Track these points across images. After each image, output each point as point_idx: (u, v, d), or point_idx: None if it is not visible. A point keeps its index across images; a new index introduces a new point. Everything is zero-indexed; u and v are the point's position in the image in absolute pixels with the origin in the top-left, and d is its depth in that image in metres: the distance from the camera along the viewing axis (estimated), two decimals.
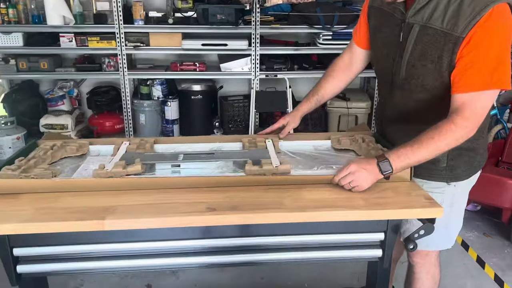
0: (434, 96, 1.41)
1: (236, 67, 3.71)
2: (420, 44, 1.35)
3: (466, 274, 2.46)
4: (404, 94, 1.46)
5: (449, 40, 1.29)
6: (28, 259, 1.27)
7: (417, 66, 1.37)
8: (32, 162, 1.43)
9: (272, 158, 1.48)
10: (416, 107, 1.46)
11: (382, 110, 1.61)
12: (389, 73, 1.48)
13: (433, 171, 1.51)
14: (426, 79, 1.37)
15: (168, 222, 1.20)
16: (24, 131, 3.72)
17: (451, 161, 1.49)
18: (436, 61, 1.32)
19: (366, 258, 1.38)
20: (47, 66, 3.69)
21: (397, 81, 1.45)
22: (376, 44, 1.54)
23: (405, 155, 1.31)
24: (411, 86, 1.42)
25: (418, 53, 1.36)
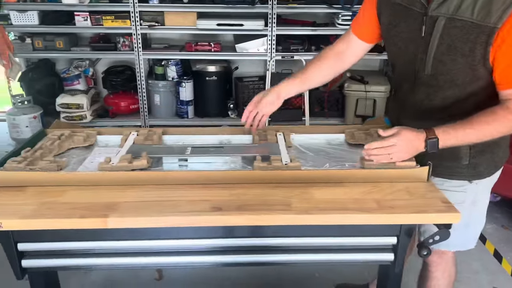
0: (464, 92, 1.33)
1: (251, 48, 3.63)
2: (447, 38, 1.26)
3: (483, 268, 2.40)
4: (430, 90, 1.38)
5: (482, 31, 1.20)
6: (33, 254, 1.26)
7: (446, 62, 1.29)
8: (38, 154, 1.41)
9: (282, 154, 1.43)
10: (443, 104, 1.38)
11: (400, 107, 1.52)
12: (411, 69, 1.39)
13: (455, 169, 1.44)
14: (456, 74, 1.29)
15: (170, 222, 1.17)
16: (41, 110, 3.74)
17: (473, 159, 1.42)
18: (468, 55, 1.24)
19: (377, 262, 1.34)
20: (62, 45, 3.68)
21: (422, 77, 1.37)
22: (392, 40, 1.44)
23: (454, 135, 1.26)
24: (439, 82, 1.34)
25: (445, 48, 1.27)
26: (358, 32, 1.55)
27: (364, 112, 3.71)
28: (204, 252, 1.33)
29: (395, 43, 1.42)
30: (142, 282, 2.26)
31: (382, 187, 1.30)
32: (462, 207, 1.19)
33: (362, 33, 1.54)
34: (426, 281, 1.70)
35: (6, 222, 1.14)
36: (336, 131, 1.67)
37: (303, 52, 3.62)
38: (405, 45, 1.38)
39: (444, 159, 1.43)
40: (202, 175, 1.33)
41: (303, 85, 1.58)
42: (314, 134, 1.65)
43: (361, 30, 1.54)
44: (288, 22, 3.71)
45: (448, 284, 1.69)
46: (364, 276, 2.27)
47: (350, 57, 1.60)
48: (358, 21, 1.56)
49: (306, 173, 1.34)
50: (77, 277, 2.26)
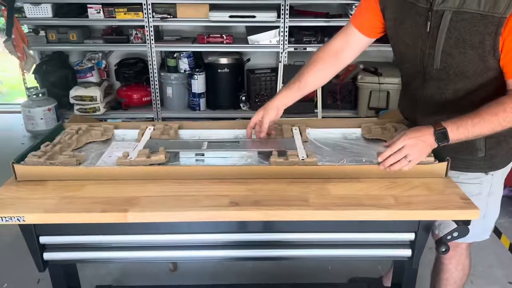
0: (475, 83, 1.32)
1: (264, 40, 3.61)
2: (455, 31, 1.25)
3: (497, 262, 2.38)
4: (441, 84, 1.37)
5: (490, 22, 1.20)
6: (54, 246, 1.29)
7: (454, 55, 1.28)
8: (57, 148, 1.43)
9: (298, 149, 1.43)
10: (455, 96, 1.38)
11: (414, 105, 1.50)
12: (419, 65, 1.39)
13: (471, 161, 1.44)
14: (467, 66, 1.29)
15: (190, 216, 1.18)
16: (55, 103, 3.78)
17: (489, 150, 1.42)
18: (478, 46, 1.24)
19: (395, 257, 1.34)
20: (76, 38, 3.70)
21: (431, 72, 1.36)
22: (398, 37, 1.42)
23: (464, 127, 1.25)
24: (449, 76, 1.33)
25: (453, 41, 1.27)
26: (359, 25, 1.51)
27: (378, 104, 3.68)
28: (220, 246, 1.34)
29: (403, 40, 1.40)
30: (157, 273, 2.30)
31: (400, 183, 1.29)
32: (479, 199, 1.20)
33: (363, 26, 1.50)
34: (439, 273, 1.70)
35: (28, 216, 1.16)
36: (352, 125, 1.66)
37: (316, 44, 3.60)
38: (413, 41, 1.36)
39: (460, 152, 1.43)
40: (219, 170, 1.34)
41: (300, 92, 1.55)
42: (330, 128, 1.64)
43: (362, 23, 1.50)
44: (300, 13, 3.69)
45: (462, 276, 1.69)
46: (378, 269, 2.27)
47: (348, 54, 1.55)
48: (359, 15, 1.52)
49: (323, 168, 1.34)
50: (94, 267, 2.30)
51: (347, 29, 1.54)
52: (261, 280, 2.21)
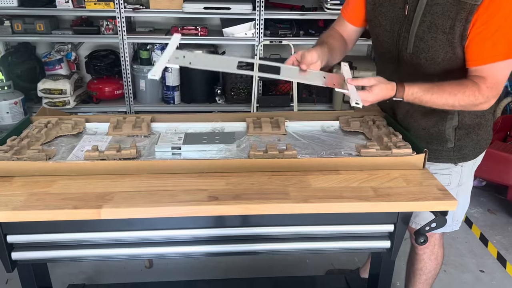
0: (444, 70, 1.35)
1: (239, 32, 3.56)
2: (429, 16, 1.29)
3: (469, 252, 2.45)
4: (413, 69, 1.40)
5: (462, 8, 1.23)
6: (23, 246, 1.23)
7: (427, 39, 1.31)
8: (25, 142, 1.36)
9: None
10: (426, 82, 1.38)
11: None
12: (394, 49, 1.42)
13: (441, 152, 1.47)
14: (437, 51, 1.31)
15: (167, 212, 1.14)
16: (22, 96, 3.62)
17: (458, 141, 1.46)
18: (448, 32, 1.27)
19: (373, 249, 1.34)
20: (43, 28, 3.55)
21: (405, 56, 1.39)
22: (376, 21, 1.44)
23: (419, 96, 1.29)
24: (420, 61, 1.36)
25: (427, 25, 1.30)
26: (347, 16, 1.56)
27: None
28: (198, 241, 1.31)
29: (380, 23, 1.43)
30: (131, 270, 2.24)
31: (379, 175, 1.30)
32: (449, 189, 1.21)
33: (350, 16, 1.55)
34: (414, 264, 1.74)
35: None
36: (330, 118, 1.65)
37: (291, 37, 3.58)
38: (390, 25, 1.39)
39: (430, 142, 1.47)
40: (196, 163, 1.30)
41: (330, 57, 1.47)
42: (308, 121, 1.63)
43: (349, 13, 1.55)
44: (276, 6, 3.66)
45: (436, 266, 1.73)
46: (354, 262, 2.30)
47: (349, 44, 1.61)
48: (346, 6, 1.56)
49: (302, 161, 1.32)
50: (66, 266, 2.23)
51: (340, 22, 1.58)
52: (238, 275, 2.20)
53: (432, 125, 1.46)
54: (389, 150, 1.34)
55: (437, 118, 1.45)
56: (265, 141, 1.47)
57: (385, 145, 1.38)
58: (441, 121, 1.44)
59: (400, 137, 1.41)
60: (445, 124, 1.44)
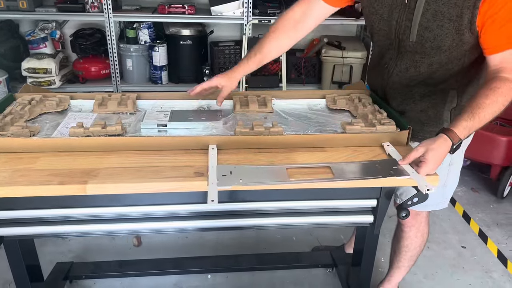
0: (450, 56, 1.33)
1: (227, 11, 3.52)
2: (433, 4, 1.25)
3: (452, 229, 2.51)
4: (417, 57, 1.37)
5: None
6: (9, 222, 1.23)
7: (432, 28, 1.27)
8: (8, 119, 1.34)
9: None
10: (429, 70, 1.38)
11: (385, 76, 1.49)
12: (393, 37, 1.38)
13: (435, 133, 1.46)
14: (443, 40, 1.28)
15: (153, 188, 1.15)
16: (6, 75, 3.56)
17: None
18: (455, 20, 1.23)
19: (358, 224, 1.37)
20: (26, 5, 3.46)
21: (407, 45, 1.35)
22: (371, 8, 1.40)
23: (470, 126, 1.21)
24: (425, 49, 1.33)
25: (431, 14, 1.26)
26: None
27: (341, 79, 3.71)
28: (184, 217, 1.32)
29: (376, 11, 1.38)
30: (120, 249, 2.26)
31: (363, 151, 1.31)
32: (441, 168, 1.23)
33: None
34: (400, 241, 1.77)
35: None
36: (317, 96, 1.66)
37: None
38: (388, 13, 1.35)
39: (427, 124, 1.47)
40: (182, 140, 1.30)
41: (260, 63, 1.54)
42: (295, 99, 1.63)
43: None
44: None
45: (421, 243, 1.77)
46: (340, 238, 2.34)
47: (308, 23, 1.52)
48: None
49: (288, 138, 1.33)
50: (54, 244, 2.23)
51: (309, 1, 1.49)
52: (225, 252, 2.23)
53: (430, 107, 1.45)
54: (373, 127, 1.36)
55: (437, 101, 1.43)
56: (251, 119, 1.48)
57: (370, 122, 1.40)
58: (441, 103, 1.43)
59: (385, 114, 1.43)
60: (444, 106, 1.43)
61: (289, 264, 2.02)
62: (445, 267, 2.21)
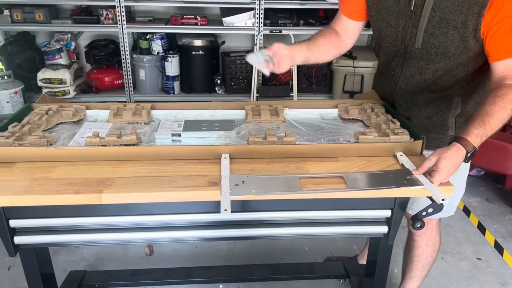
0: (454, 63, 1.34)
1: (239, 22, 3.56)
2: (438, 11, 1.27)
3: (466, 240, 2.47)
4: (421, 64, 1.38)
5: (474, 3, 1.21)
6: (26, 230, 1.24)
7: (437, 35, 1.29)
8: (26, 129, 1.37)
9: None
10: (434, 76, 1.40)
11: (392, 84, 1.50)
12: (400, 44, 1.40)
13: (442, 140, 1.47)
14: (448, 46, 1.30)
15: (167, 197, 1.16)
16: (22, 85, 3.63)
17: (459, 129, 1.46)
18: (460, 27, 1.25)
19: (371, 234, 1.36)
20: (42, 17, 3.54)
21: (412, 51, 1.37)
22: (379, 15, 1.42)
23: (482, 133, 1.21)
24: (430, 56, 1.34)
25: (437, 21, 1.28)
26: (347, 12, 1.52)
27: (352, 88, 3.71)
28: (197, 226, 1.32)
29: (384, 18, 1.40)
30: (132, 258, 2.27)
31: (376, 161, 1.31)
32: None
33: (351, 12, 1.51)
34: (411, 250, 1.76)
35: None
36: (329, 106, 1.66)
37: (291, 27, 3.57)
38: (395, 20, 1.37)
39: (432, 131, 1.47)
40: (196, 150, 1.31)
41: (307, 60, 1.49)
42: (307, 109, 1.64)
43: (349, 10, 1.51)
44: None
45: (433, 252, 1.75)
46: (352, 249, 2.32)
47: (348, 39, 1.56)
48: (345, 1, 1.52)
49: (301, 147, 1.33)
50: (67, 253, 2.25)
51: (339, 19, 1.54)
52: (236, 262, 2.22)
53: (435, 113, 1.45)
54: (387, 136, 1.36)
55: (442, 107, 1.44)
56: (264, 128, 1.48)
57: (383, 132, 1.40)
58: (446, 110, 1.44)
59: (398, 124, 1.42)
60: (448, 113, 1.44)
61: (301, 274, 2.01)
62: (460, 279, 2.18)
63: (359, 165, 1.29)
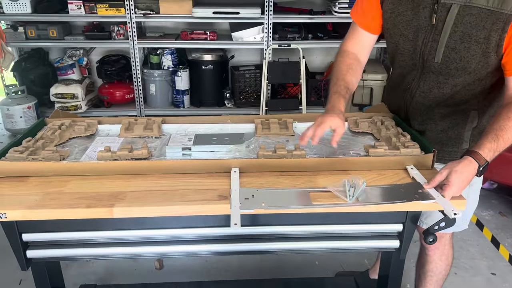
0: (474, 78, 1.34)
1: (248, 36, 3.60)
2: (461, 26, 1.26)
3: (480, 254, 2.43)
4: (440, 78, 1.38)
5: (497, 19, 1.21)
6: (38, 244, 1.25)
7: (459, 49, 1.29)
8: (40, 143, 1.39)
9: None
10: (453, 91, 1.39)
11: (407, 96, 1.50)
12: (417, 58, 1.39)
13: (456, 153, 1.46)
14: (469, 61, 1.30)
15: (178, 211, 1.16)
16: (35, 101, 3.70)
17: (473, 142, 1.45)
18: (483, 42, 1.25)
19: (383, 249, 1.34)
20: (56, 34, 3.63)
21: (431, 66, 1.37)
22: (396, 29, 1.41)
23: (495, 148, 1.20)
24: (450, 71, 1.34)
25: (459, 36, 1.27)
26: (365, 25, 1.50)
27: (361, 101, 3.72)
28: (207, 240, 1.32)
29: (401, 32, 1.40)
30: (142, 271, 2.26)
31: (388, 174, 1.30)
32: None
33: (370, 26, 1.49)
34: (425, 265, 1.73)
35: (11, 212, 1.13)
36: None
37: (299, 41, 3.61)
38: (414, 34, 1.37)
39: (446, 144, 1.46)
40: (206, 163, 1.32)
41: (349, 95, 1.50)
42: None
43: (368, 23, 1.49)
44: (284, 10, 3.69)
45: (446, 266, 1.72)
46: (364, 263, 2.29)
47: (365, 54, 1.55)
48: (362, 14, 1.50)
49: (311, 161, 1.33)
50: (78, 266, 2.26)
51: (356, 33, 1.52)
52: (247, 277, 2.21)
53: (451, 127, 1.45)
54: (397, 150, 1.35)
55: (458, 121, 1.43)
56: (273, 142, 1.49)
57: (393, 145, 1.39)
58: (462, 124, 1.43)
59: (409, 137, 1.42)
60: (465, 127, 1.44)
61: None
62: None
63: (369, 178, 1.28)
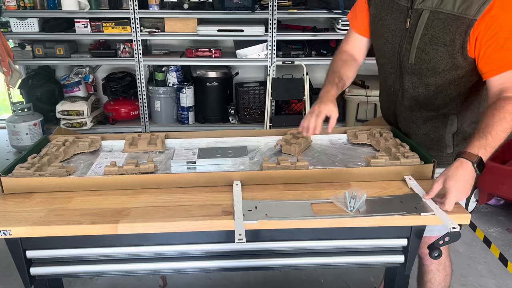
0: (445, 79, 1.41)
1: (252, 53, 3.64)
2: (430, 29, 1.35)
3: (488, 272, 2.39)
4: (414, 79, 1.45)
5: (461, 23, 1.30)
6: (42, 261, 1.25)
7: (428, 51, 1.38)
8: (45, 160, 1.40)
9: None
10: (427, 91, 1.46)
11: (395, 99, 1.56)
12: (395, 59, 1.47)
13: (441, 158, 1.51)
14: (437, 62, 1.38)
15: (182, 227, 1.16)
16: (41, 118, 3.73)
17: (456, 147, 1.50)
18: (448, 44, 1.34)
19: (387, 264, 1.33)
20: (62, 52, 3.68)
21: (406, 66, 1.45)
22: (378, 33, 1.51)
23: (486, 144, 1.21)
24: (422, 71, 1.42)
25: (428, 38, 1.36)
26: (358, 29, 1.60)
27: (365, 117, 3.72)
28: (211, 257, 1.31)
29: (382, 35, 1.49)
30: None
31: (391, 188, 1.30)
32: None
33: (361, 29, 1.59)
34: (423, 276, 1.72)
35: (15, 229, 1.13)
36: (338, 131, 1.68)
37: (303, 57, 3.64)
38: (392, 37, 1.45)
39: (430, 149, 1.52)
40: (211, 176, 1.32)
41: (343, 88, 1.57)
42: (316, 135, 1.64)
43: (360, 26, 1.59)
44: (288, 27, 3.73)
45: (445, 277, 1.71)
46: (370, 281, 2.26)
47: (360, 56, 1.64)
48: (355, 18, 1.61)
49: (314, 172, 1.34)
50: (81, 283, 2.24)
51: (351, 35, 1.63)
52: None
53: (432, 130, 1.51)
54: (397, 160, 1.36)
55: (438, 124, 1.50)
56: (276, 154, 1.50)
57: (393, 156, 1.41)
58: (442, 127, 1.49)
59: (408, 147, 1.44)
60: (445, 130, 1.49)
61: None
62: None
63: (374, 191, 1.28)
